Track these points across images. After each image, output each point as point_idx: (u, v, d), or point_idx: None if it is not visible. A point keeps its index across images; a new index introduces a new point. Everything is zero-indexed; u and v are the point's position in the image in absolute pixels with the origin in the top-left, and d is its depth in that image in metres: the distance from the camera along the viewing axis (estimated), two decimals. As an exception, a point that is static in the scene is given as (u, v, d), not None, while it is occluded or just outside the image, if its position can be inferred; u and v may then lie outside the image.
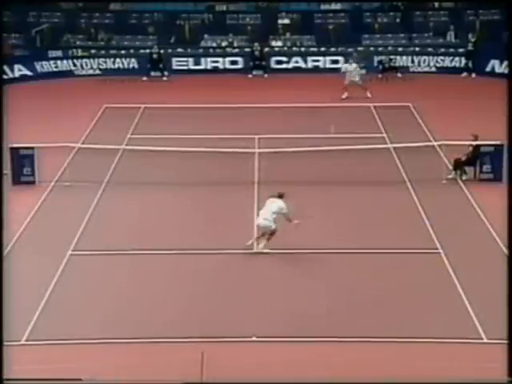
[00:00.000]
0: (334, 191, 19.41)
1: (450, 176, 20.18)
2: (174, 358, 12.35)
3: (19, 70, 31.24)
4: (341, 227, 17.54)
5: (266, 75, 32.05)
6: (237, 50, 33.12)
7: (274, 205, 16.08)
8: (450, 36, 33.37)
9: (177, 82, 30.97)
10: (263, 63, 32.25)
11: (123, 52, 32.74)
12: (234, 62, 32.68)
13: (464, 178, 20.19)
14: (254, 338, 13.02)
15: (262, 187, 19.52)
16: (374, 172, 20.43)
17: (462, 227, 17.48)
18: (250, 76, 31.83)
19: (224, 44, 33.65)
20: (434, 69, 32.23)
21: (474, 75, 31.43)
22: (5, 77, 29.17)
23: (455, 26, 33.45)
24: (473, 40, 31.88)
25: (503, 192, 19.46)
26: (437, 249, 16.27)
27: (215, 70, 32.37)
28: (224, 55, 32.85)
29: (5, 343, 9.73)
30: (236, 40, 33.78)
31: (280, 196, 16.29)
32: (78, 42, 33.61)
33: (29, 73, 31.51)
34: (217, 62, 32.72)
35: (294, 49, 33.21)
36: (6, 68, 30.16)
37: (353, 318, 13.71)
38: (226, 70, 32.46)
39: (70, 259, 15.98)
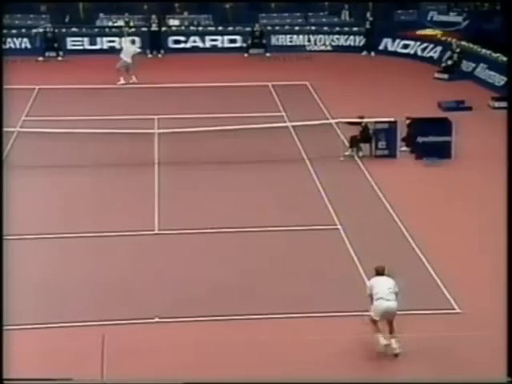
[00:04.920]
0: (234, 171, 19.48)
1: (346, 153, 20.58)
2: (75, 342, 12.22)
3: None
4: (240, 206, 17.65)
5: (159, 55, 31.78)
6: (133, 30, 32.67)
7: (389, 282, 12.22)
8: (345, 15, 33.89)
9: (72, 63, 30.36)
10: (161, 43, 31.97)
11: (14, 32, 31.71)
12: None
13: (360, 154, 20.64)
14: (156, 320, 13.02)
15: (163, 168, 19.47)
16: (274, 151, 20.60)
17: (359, 203, 17.87)
18: (149, 56, 31.48)
19: (120, 23, 33.12)
20: (329, 47, 32.68)
21: (373, 54, 32.02)
22: None
23: (349, 5, 33.97)
24: (370, 19, 32.40)
25: (398, 168, 20.13)
26: (335, 225, 16.60)
27: (112, 50, 31.81)
28: (120, 35, 32.30)
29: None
30: (132, 19, 33.30)
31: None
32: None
33: None
34: (113, 41, 32.18)
35: (192, 28, 33.05)
36: None
37: (254, 296, 13.83)
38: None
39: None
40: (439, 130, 20.52)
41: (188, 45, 32.46)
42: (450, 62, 29.06)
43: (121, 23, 33.03)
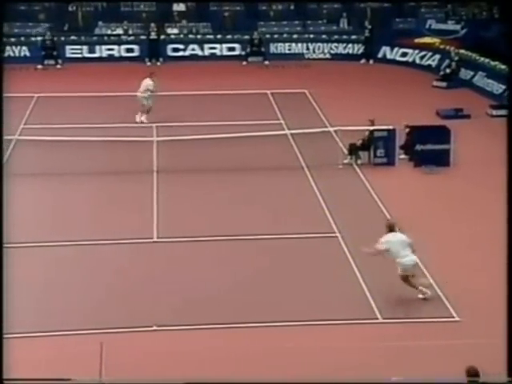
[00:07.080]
0: (232, 178, 19.50)
1: (345, 161, 20.59)
2: (74, 350, 12.19)
3: None
4: (238, 213, 17.62)
5: (158, 63, 31.76)
6: (132, 38, 32.76)
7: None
8: (343, 23, 33.96)
9: (71, 71, 30.40)
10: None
11: (13, 40, 31.74)
12: (129, 50, 32.32)
13: (359, 162, 20.65)
14: (154, 328, 12.99)
15: (161, 176, 19.47)
16: (273, 158, 20.63)
17: (357, 210, 17.85)
18: (148, 64, 31.51)
19: (119, 31, 33.19)
20: (328, 55, 32.74)
21: (371, 62, 32.06)
22: None
23: (348, 13, 34.06)
24: (369, 27, 32.44)
25: (396, 175, 20.14)
26: (334, 232, 16.59)
27: (111, 58, 31.91)
28: (119, 43, 32.41)
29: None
30: (131, 27, 33.37)
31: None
32: (-36, 30, 32.42)
33: None
34: (112, 49, 32.27)
35: (190, 36, 33.11)
36: None
37: (253, 304, 13.82)
38: (122, 58, 32.05)
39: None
40: (438, 138, 20.54)
41: (187, 53, 32.51)
42: (448, 70, 29.12)
43: (120, 31, 33.12)
